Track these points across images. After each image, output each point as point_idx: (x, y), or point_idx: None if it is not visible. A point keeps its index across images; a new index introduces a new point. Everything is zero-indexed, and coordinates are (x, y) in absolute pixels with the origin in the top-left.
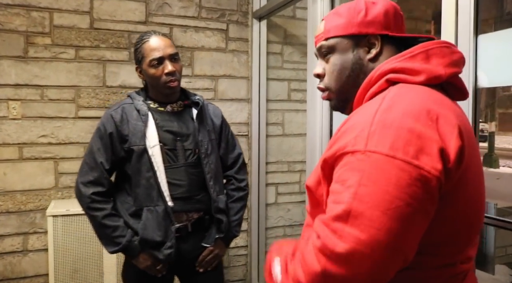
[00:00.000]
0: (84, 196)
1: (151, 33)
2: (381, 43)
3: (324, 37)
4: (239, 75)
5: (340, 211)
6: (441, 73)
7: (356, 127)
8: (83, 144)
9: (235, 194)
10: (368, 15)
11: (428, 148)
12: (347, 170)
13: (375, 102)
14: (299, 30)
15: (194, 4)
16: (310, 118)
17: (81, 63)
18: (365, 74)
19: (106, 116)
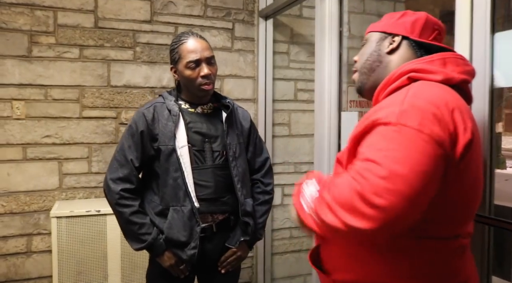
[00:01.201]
0: (113, 192)
1: (188, 34)
2: (400, 42)
3: (368, 31)
4: (245, 75)
5: (376, 168)
6: (454, 76)
7: (388, 106)
8: (87, 144)
9: (260, 197)
10: (399, 20)
11: (445, 130)
12: (379, 137)
13: (401, 92)
14: (305, 29)
15: (199, 3)
16: (318, 119)
17: (85, 62)
18: (380, 63)
19: (138, 115)
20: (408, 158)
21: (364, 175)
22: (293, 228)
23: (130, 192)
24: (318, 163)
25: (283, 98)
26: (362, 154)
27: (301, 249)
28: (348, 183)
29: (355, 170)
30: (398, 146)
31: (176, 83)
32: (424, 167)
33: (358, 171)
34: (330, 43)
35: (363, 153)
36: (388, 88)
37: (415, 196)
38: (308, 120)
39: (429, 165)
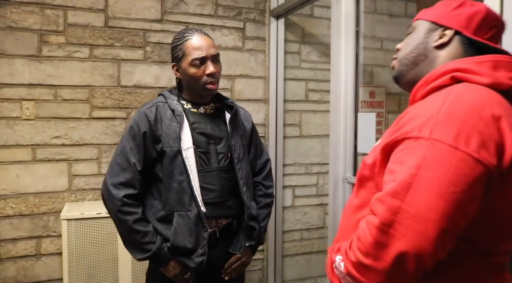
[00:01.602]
0: (115, 199)
1: (193, 30)
2: (451, 37)
3: (416, 18)
4: (256, 75)
5: (398, 188)
6: (504, 82)
7: (422, 116)
8: (97, 145)
9: (262, 200)
10: (455, 11)
11: (488, 144)
12: (409, 153)
13: (440, 95)
14: (317, 29)
15: (210, 2)
16: (334, 119)
17: (95, 62)
18: (426, 57)
19: (140, 115)
20: (437, 179)
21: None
22: (304, 230)
23: (133, 198)
24: (333, 164)
25: (294, 98)
26: (389, 173)
27: (311, 251)
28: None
29: (376, 198)
30: (427, 164)
31: (177, 81)
32: (455, 188)
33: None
34: (346, 43)
35: (390, 171)
36: (428, 86)
37: (443, 222)
38: (319, 121)
39: (465, 188)
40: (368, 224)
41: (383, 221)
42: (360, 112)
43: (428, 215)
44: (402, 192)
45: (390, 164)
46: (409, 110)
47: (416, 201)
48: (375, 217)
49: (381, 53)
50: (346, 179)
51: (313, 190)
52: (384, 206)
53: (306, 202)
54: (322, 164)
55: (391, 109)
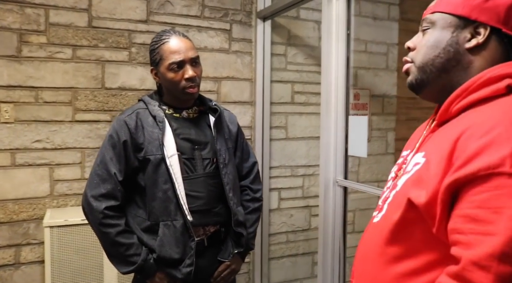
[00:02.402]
0: (96, 211)
1: (170, 32)
2: (488, 36)
3: (432, 10)
4: (243, 77)
5: (505, 248)
6: None
7: (505, 142)
8: (80, 149)
9: (250, 205)
10: (490, 1)
11: None
12: (504, 195)
13: (506, 109)
14: (303, 31)
15: (197, 3)
16: (324, 122)
17: (78, 63)
18: (458, 62)
19: (119, 123)
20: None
21: (491, 269)
22: (290, 232)
23: (114, 209)
24: (324, 167)
25: (280, 101)
26: (471, 221)
27: (297, 253)
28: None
29: (469, 260)
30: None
31: (157, 86)
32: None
33: (477, 261)
34: (337, 46)
35: (473, 218)
36: (470, 97)
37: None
38: (304, 123)
39: None
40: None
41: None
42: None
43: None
44: (511, 254)
45: (470, 208)
46: (471, 131)
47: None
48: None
49: (365, 55)
50: (337, 182)
51: (299, 192)
52: (490, 274)
53: (292, 204)
54: (308, 166)
55: (374, 111)
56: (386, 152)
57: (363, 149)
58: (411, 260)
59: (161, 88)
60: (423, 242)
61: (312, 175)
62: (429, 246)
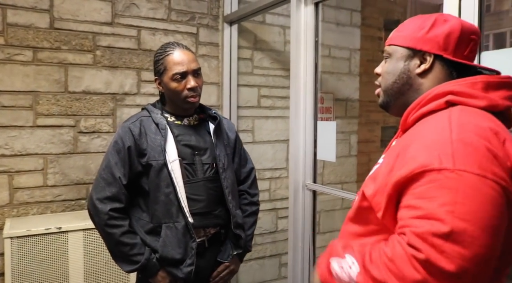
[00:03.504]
0: (101, 213)
1: (174, 45)
2: (432, 61)
3: (388, 43)
4: (210, 81)
5: (440, 227)
6: (499, 103)
7: (435, 145)
8: (42, 155)
9: (248, 208)
10: (430, 33)
11: (504, 169)
12: (435, 187)
13: (441, 120)
14: (269, 35)
15: (163, 6)
16: (293, 127)
17: (39, 66)
18: (411, 86)
19: (124, 130)
20: (477, 212)
21: (428, 240)
22: (257, 235)
23: (119, 211)
24: (293, 170)
25: (247, 104)
26: (411, 208)
27: (264, 256)
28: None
29: (413, 233)
30: (462, 198)
31: (160, 95)
32: (495, 220)
33: (419, 234)
34: (305, 52)
35: (412, 206)
36: (420, 110)
37: (489, 255)
38: (271, 127)
39: (499, 215)
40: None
41: (433, 262)
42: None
43: (476, 251)
44: (446, 232)
45: (411, 200)
46: (412, 138)
47: (461, 239)
48: (421, 253)
49: (329, 60)
50: (306, 186)
51: (266, 195)
52: (427, 244)
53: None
54: (275, 169)
55: (338, 114)
56: (350, 154)
57: (332, 153)
58: (366, 238)
59: (164, 97)
60: (374, 225)
61: (279, 178)
62: (378, 230)
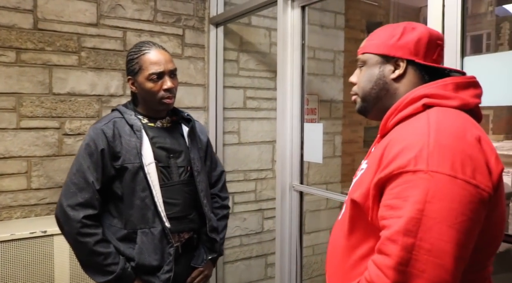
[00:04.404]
0: (74, 221)
1: (150, 44)
2: (406, 67)
3: (361, 52)
4: (196, 83)
5: (408, 225)
6: (470, 101)
7: (413, 147)
8: (26, 157)
9: (219, 212)
10: (401, 40)
11: (480, 167)
12: (410, 188)
13: (420, 122)
14: (254, 37)
15: (149, 7)
16: (280, 129)
17: (23, 67)
18: (387, 91)
19: (96, 132)
20: (445, 210)
21: (398, 241)
22: (243, 236)
23: (92, 218)
24: (280, 172)
25: (233, 106)
26: (389, 208)
27: (251, 256)
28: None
29: (387, 238)
30: (432, 197)
31: (132, 95)
32: (463, 217)
33: (391, 237)
34: (292, 54)
35: (390, 206)
36: (399, 115)
37: (458, 250)
38: (256, 128)
39: (471, 215)
40: (381, 266)
41: (399, 260)
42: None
43: (443, 247)
44: (413, 229)
45: (389, 199)
46: (393, 141)
47: (429, 235)
48: (388, 257)
49: (313, 62)
50: (293, 187)
51: (252, 196)
52: (397, 245)
53: (245, 208)
54: (260, 170)
55: (323, 115)
56: (334, 155)
57: (319, 155)
58: (362, 247)
59: (136, 98)
60: (368, 231)
61: (265, 179)
62: (372, 234)
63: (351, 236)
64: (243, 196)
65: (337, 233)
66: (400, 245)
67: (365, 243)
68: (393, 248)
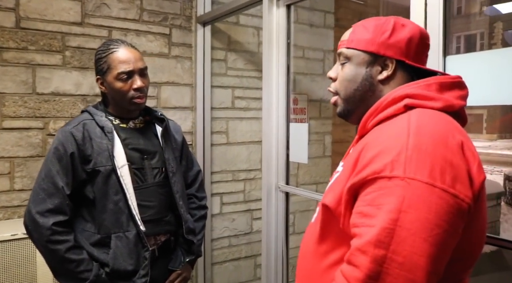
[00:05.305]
0: (43, 228)
1: (118, 42)
2: (395, 67)
3: (346, 46)
4: (183, 82)
5: (380, 236)
6: (454, 103)
7: (390, 151)
8: (9, 158)
9: (196, 213)
10: (392, 38)
11: (460, 176)
12: (384, 195)
13: (400, 124)
14: (242, 36)
15: (135, 6)
16: (266, 129)
17: (5, 67)
18: (373, 93)
19: (65, 135)
20: (419, 221)
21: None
22: (232, 237)
23: (63, 225)
24: (266, 172)
25: (221, 106)
26: (362, 216)
27: (240, 257)
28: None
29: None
30: (407, 207)
31: (102, 95)
32: (438, 229)
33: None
34: (277, 53)
35: (363, 213)
36: (379, 115)
37: (430, 263)
38: (245, 128)
39: (447, 227)
40: (349, 278)
41: (369, 273)
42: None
43: (416, 261)
44: (386, 240)
45: (362, 206)
46: (370, 144)
47: (402, 248)
48: (358, 269)
49: (303, 61)
50: (279, 188)
51: (240, 196)
52: (368, 256)
53: (234, 209)
54: (249, 170)
55: (312, 115)
56: (324, 155)
57: (304, 155)
58: (333, 254)
59: (106, 98)
60: (340, 238)
61: (253, 179)
62: (343, 241)
63: (322, 242)
64: (231, 196)
65: (308, 236)
66: (371, 257)
67: (336, 250)
68: (363, 259)
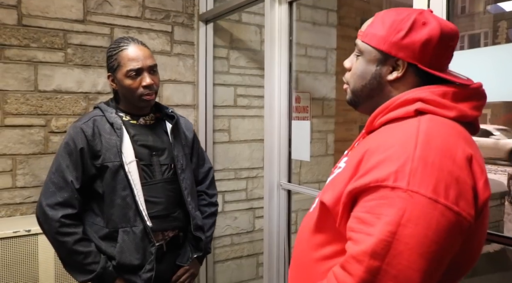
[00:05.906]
0: (52, 220)
1: (128, 39)
2: (406, 70)
3: (361, 39)
4: (185, 80)
5: (377, 248)
6: (468, 114)
7: (395, 160)
8: (11, 155)
9: (207, 209)
10: (406, 39)
11: (465, 192)
12: (385, 205)
13: (409, 131)
14: (245, 34)
15: (137, 4)
16: (268, 127)
17: (7, 64)
18: (381, 91)
19: (76, 130)
20: (418, 237)
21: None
22: (234, 235)
23: (71, 217)
24: (268, 170)
25: (223, 104)
26: (360, 222)
27: (242, 255)
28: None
29: (352, 257)
30: (407, 221)
31: (113, 92)
32: (436, 246)
33: (356, 256)
34: (280, 51)
35: (362, 220)
36: (388, 115)
37: (423, 279)
38: (247, 126)
39: (445, 244)
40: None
41: (362, 282)
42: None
43: (411, 275)
44: (382, 252)
45: (361, 212)
46: (375, 147)
47: (397, 261)
48: (351, 277)
49: (305, 59)
50: (281, 185)
51: (243, 194)
52: (362, 266)
53: (236, 207)
54: (251, 168)
55: (315, 113)
56: (326, 153)
57: (306, 153)
58: (327, 247)
59: (117, 95)
60: (334, 235)
61: (256, 177)
62: (338, 237)
63: (317, 234)
64: (234, 194)
65: (305, 225)
66: (365, 267)
67: (331, 244)
68: (357, 268)
